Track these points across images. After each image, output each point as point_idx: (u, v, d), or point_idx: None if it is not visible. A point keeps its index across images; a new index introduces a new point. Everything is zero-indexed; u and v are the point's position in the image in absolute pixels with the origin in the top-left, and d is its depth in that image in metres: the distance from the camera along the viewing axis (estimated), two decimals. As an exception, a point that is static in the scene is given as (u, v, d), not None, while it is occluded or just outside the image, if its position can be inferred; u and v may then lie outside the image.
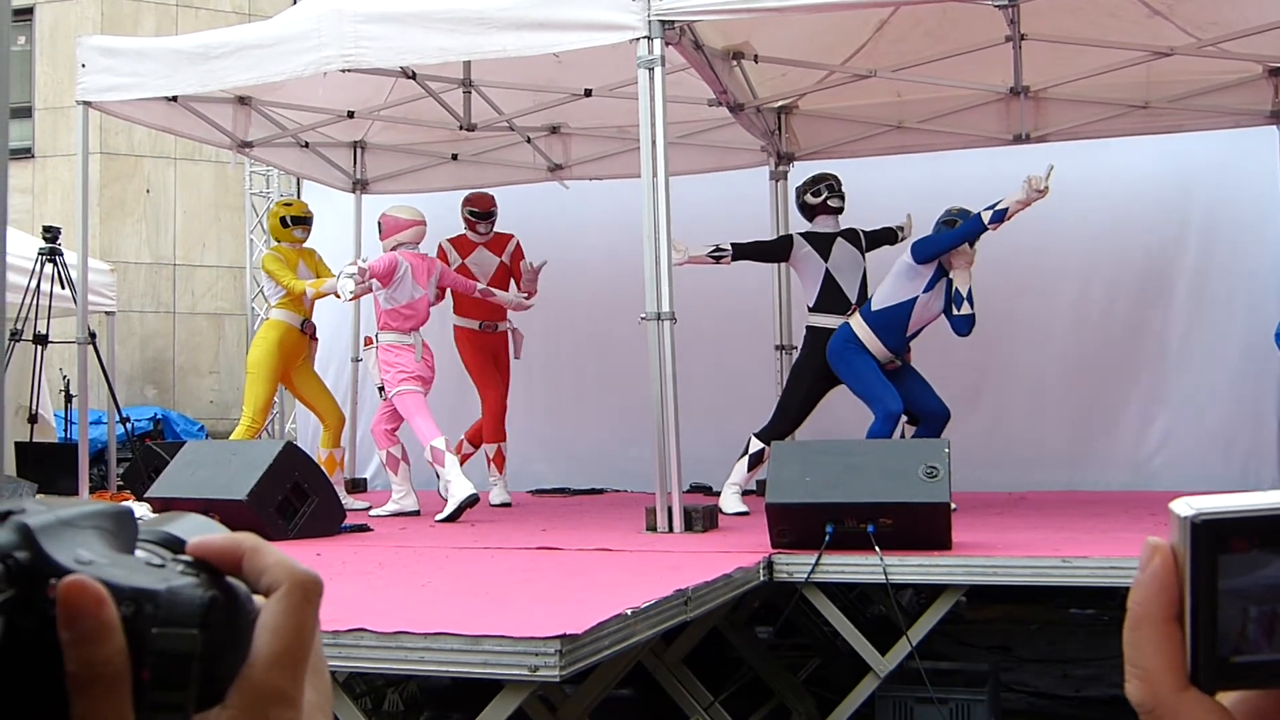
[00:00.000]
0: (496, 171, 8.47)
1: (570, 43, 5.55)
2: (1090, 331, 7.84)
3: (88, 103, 6.51)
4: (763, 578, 4.16)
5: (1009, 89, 7.31)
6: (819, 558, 4.14)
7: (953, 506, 4.31)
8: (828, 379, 6.23)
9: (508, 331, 7.25)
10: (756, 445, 6.17)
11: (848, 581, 4.64)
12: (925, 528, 4.21)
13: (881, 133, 7.77)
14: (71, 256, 7.95)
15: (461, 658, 2.75)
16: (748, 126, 7.32)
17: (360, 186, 8.93)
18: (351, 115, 7.95)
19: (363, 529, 5.65)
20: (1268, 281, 7.55)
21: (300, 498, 5.32)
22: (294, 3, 8.07)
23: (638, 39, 5.32)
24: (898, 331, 6.03)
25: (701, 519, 5.17)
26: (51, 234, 8.80)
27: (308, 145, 8.41)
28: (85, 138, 6.55)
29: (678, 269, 5.54)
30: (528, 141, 8.38)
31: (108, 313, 9.89)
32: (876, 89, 7.40)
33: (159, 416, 12.11)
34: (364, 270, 6.25)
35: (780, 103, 7.75)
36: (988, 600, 6.99)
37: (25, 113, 13.33)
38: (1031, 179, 5.70)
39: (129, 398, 11.76)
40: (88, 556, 0.46)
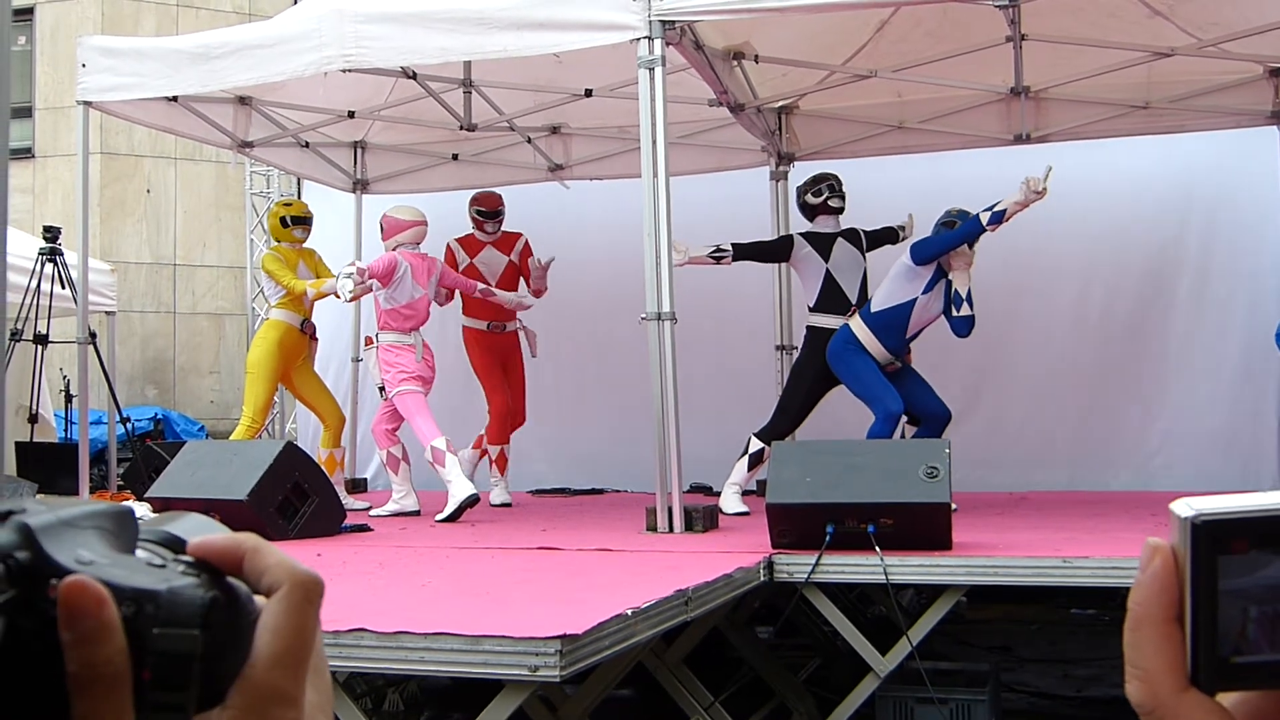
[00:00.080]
0: (497, 172, 8.46)
1: (571, 43, 5.55)
2: (1090, 332, 7.84)
3: (88, 103, 6.51)
4: (763, 578, 4.16)
5: (1010, 89, 7.31)
6: (819, 558, 4.15)
7: (953, 507, 4.32)
8: (828, 379, 6.22)
9: (517, 332, 7.23)
10: (756, 445, 6.17)
11: (848, 582, 4.64)
12: (926, 528, 4.22)
13: (882, 133, 7.77)
14: (72, 256, 7.95)
15: (462, 658, 2.76)
16: (748, 127, 7.32)
17: (361, 186, 8.93)
18: (352, 115, 7.95)
19: (363, 529, 5.65)
20: (1268, 282, 7.55)
21: (301, 498, 5.32)
22: (294, 3, 8.08)
23: (638, 39, 5.32)
24: (897, 333, 6.03)
25: (702, 519, 5.17)
26: (52, 234, 8.80)
27: (308, 145, 8.42)
28: (85, 138, 6.55)
29: (678, 269, 5.54)
30: (528, 142, 8.38)
31: (108, 313, 9.90)
32: (877, 89, 7.40)
33: (159, 416, 12.11)
34: (362, 271, 6.25)
35: (781, 103, 7.75)
36: (988, 600, 6.99)
37: (26, 113, 13.33)
38: (1030, 180, 5.70)
39: (129, 398, 11.76)
40: (89, 557, 0.46)
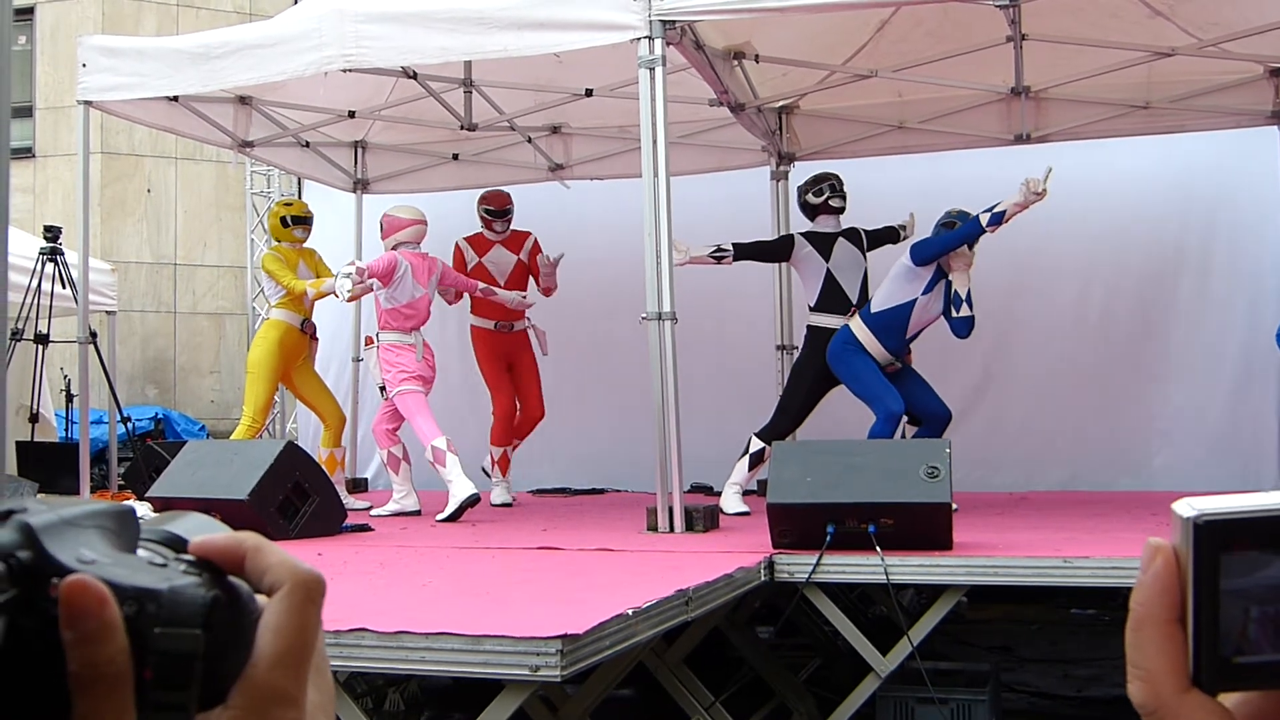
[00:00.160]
0: (497, 171, 8.46)
1: (571, 42, 5.55)
2: (1090, 332, 7.83)
3: (89, 102, 6.50)
4: (764, 578, 4.16)
5: (1010, 89, 7.30)
6: (820, 558, 4.15)
7: (954, 507, 4.32)
8: (828, 379, 6.22)
9: (526, 331, 7.21)
10: (757, 445, 6.17)
11: (849, 582, 4.64)
12: (926, 528, 4.22)
13: (882, 133, 7.77)
14: (72, 256, 7.95)
15: (462, 657, 2.76)
16: (749, 126, 7.31)
17: (361, 186, 8.93)
18: (352, 115, 7.95)
19: (364, 529, 5.65)
20: (1268, 282, 7.54)
21: (301, 497, 5.33)
22: (295, 2, 8.07)
23: (639, 39, 5.32)
24: (897, 333, 6.03)
25: (702, 519, 5.17)
26: (52, 233, 8.80)
27: (308, 145, 8.41)
28: (86, 137, 6.55)
29: (679, 269, 5.54)
30: (529, 141, 8.37)
31: (109, 312, 9.90)
32: (877, 89, 7.40)
33: (160, 416, 12.11)
34: (362, 270, 6.25)
35: (781, 103, 7.75)
36: (989, 600, 6.99)
37: (26, 112, 13.33)
38: (1029, 181, 5.70)
39: (130, 397, 11.76)
40: (90, 556, 0.45)
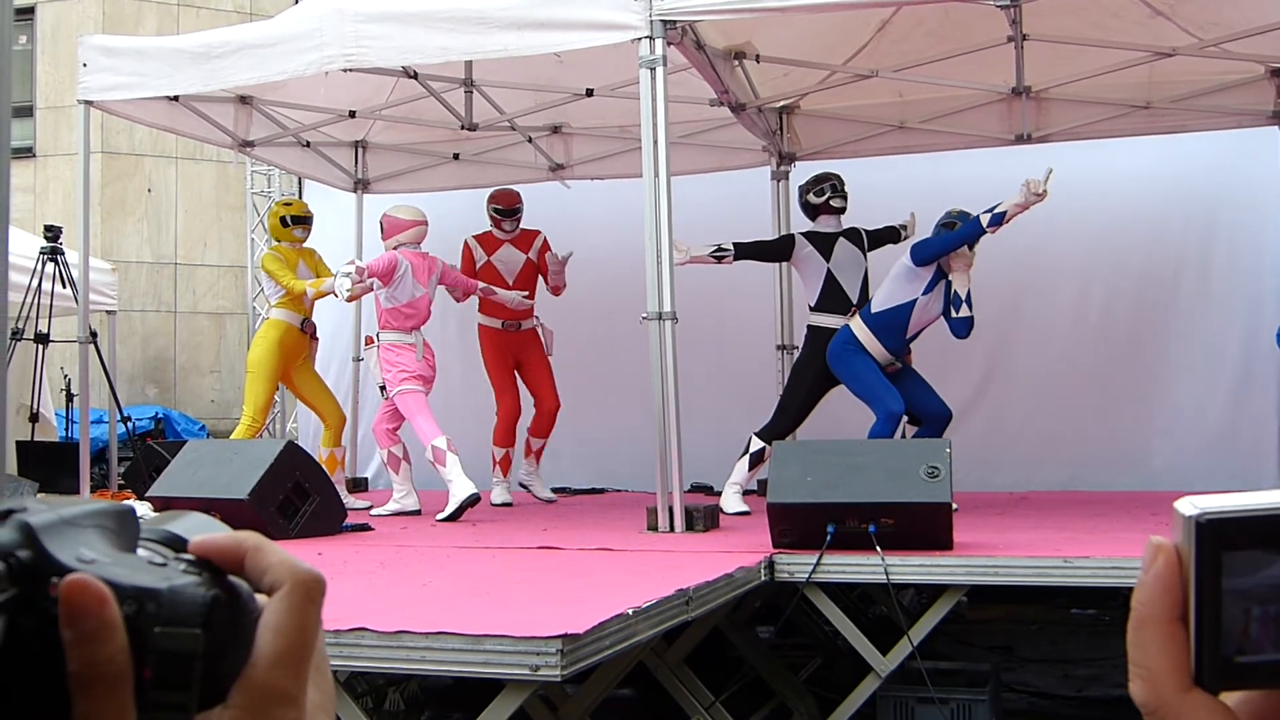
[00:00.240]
0: (498, 171, 8.45)
1: (572, 42, 5.55)
2: (1091, 332, 7.83)
3: (89, 102, 6.50)
4: (764, 577, 4.16)
5: (1011, 89, 7.30)
6: (820, 557, 4.15)
7: (954, 507, 4.32)
8: (828, 379, 6.22)
9: (535, 330, 7.21)
10: (757, 445, 6.17)
11: (849, 581, 4.64)
12: (926, 528, 4.21)
13: (883, 133, 7.77)
14: (73, 255, 7.95)
15: (463, 657, 2.76)
16: (749, 126, 7.31)
17: (361, 186, 8.93)
18: (353, 115, 7.95)
19: (364, 528, 5.65)
20: (1268, 281, 7.54)
21: (301, 497, 5.33)
22: (295, 2, 8.07)
23: (639, 39, 5.32)
24: (897, 333, 6.03)
25: (703, 519, 5.17)
26: (53, 233, 8.80)
27: (309, 145, 8.41)
28: (86, 137, 6.55)
29: (679, 269, 5.54)
30: (529, 141, 8.37)
31: (109, 312, 9.90)
32: (878, 89, 7.40)
33: (160, 416, 12.11)
34: (361, 270, 6.24)
35: (782, 103, 7.75)
36: (989, 600, 6.99)
37: (27, 112, 13.33)
38: (1030, 182, 5.70)
39: (130, 397, 11.76)
40: (90, 555, 0.45)
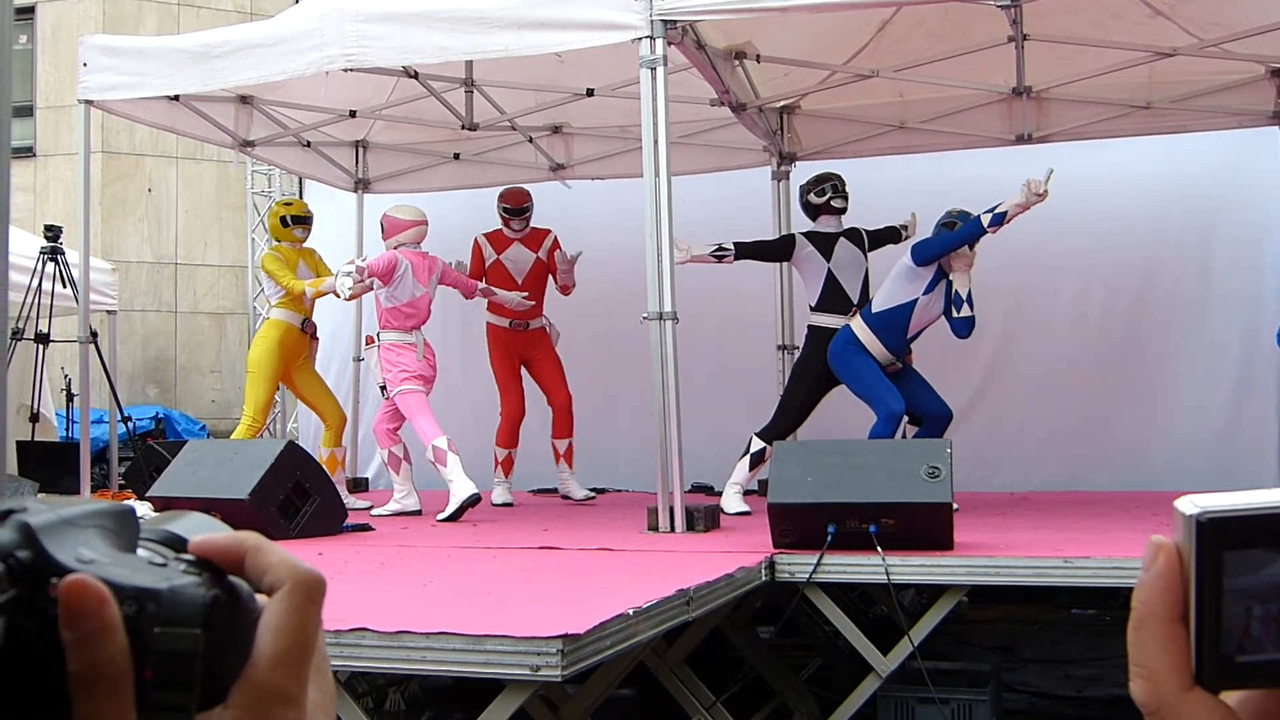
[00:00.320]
0: (498, 171, 8.45)
1: (572, 42, 5.55)
2: (1091, 332, 7.83)
3: (89, 101, 6.50)
4: (764, 578, 4.16)
5: (1011, 89, 7.30)
6: (821, 558, 4.15)
7: (954, 507, 4.32)
8: (829, 379, 6.22)
9: (543, 328, 7.21)
10: (758, 445, 6.17)
11: (849, 581, 4.64)
12: (927, 528, 4.21)
13: (883, 133, 7.77)
14: (73, 255, 7.95)
15: (463, 657, 2.76)
16: (750, 126, 7.31)
17: (362, 186, 8.93)
18: (353, 114, 7.94)
19: (364, 528, 5.65)
20: (1268, 282, 7.54)
21: (302, 497, 5.32)
22: (296, 2, 8.07)
23: (640, 39, 5.32)
24: (898, 333, 6.03)
25: (703, 519, 5.16)
26: (53, 233, 8.80)
27: (309, 144, 8.41)
28: (87, 137, 6.54)
29: (679, 268, 5.53)
30: (530, 141, 8.37)
31: (109, 312, 9.90)
32: (879, 89, 7.40)
33: (160, 415, 12.11)
34: (362, 269, 6.25)
35: (782, 102, 7.74)
36: (989, 600, 6.99)
37: (27, 111, 13.33)
38: (1031, 182, 5.70)
39: (130, 397, 11.76)
40: (90, 555, 0.45)
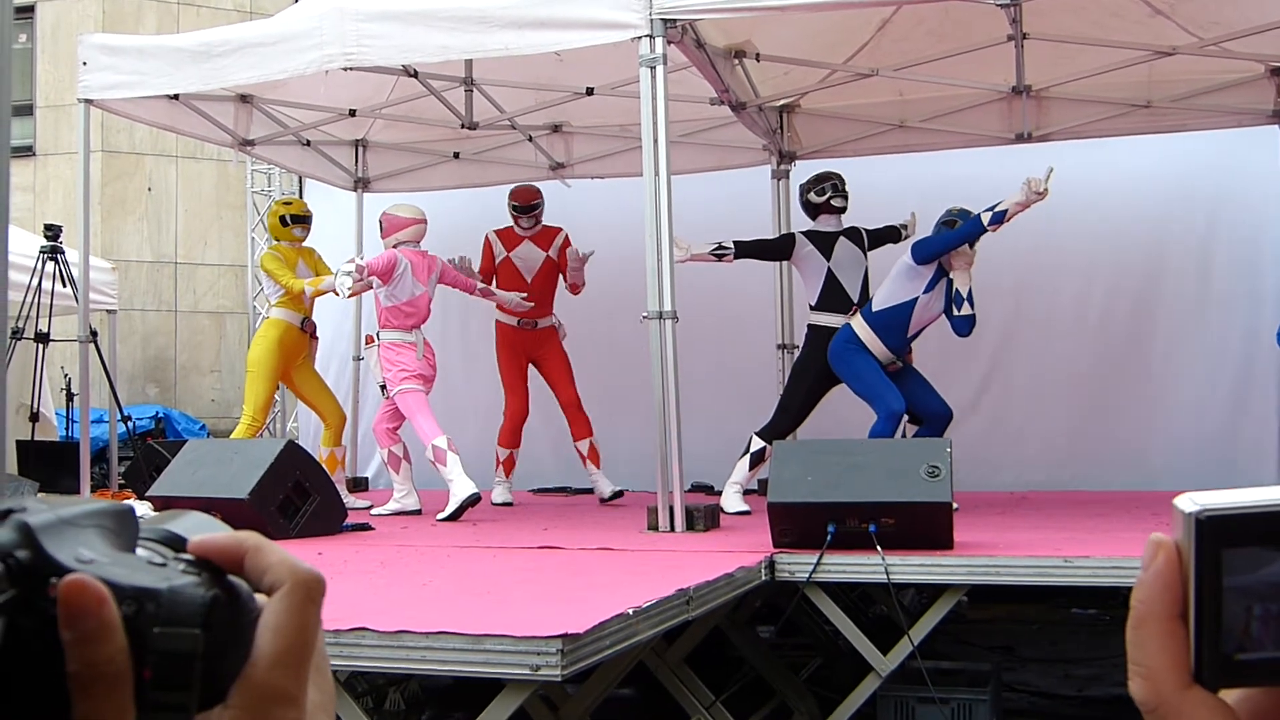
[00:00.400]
0: (498, 170, 8.46)
1: (572, 41, 5.55)
2: (1091, 331, 7.83)
3: (89, 101, 6.50)
4: (764, 577, 4.16)
5: (1011, 88, 7.30)
6: (820, 557, 4.15)
7: (954, 506, 4.32)
8: (829, 378, 6.22)
9: (552, 327, 7.21)
10: (758, 444, 6.17)
11: (849, 581, 4.64)
12: (927, 527, 4.21)
13: (883, 132, 7.77)
14: (73, 254, 7.95)
15: (463, 657, 2.75)
16: (750, 125, 7.31)
17: (362, 185, 8.92)
18: (353, 113, 7.94)
19: (364, 528, 5.65)
20: (1268, 281, 7.54)
21: (302, 496, 5.32)
22: (295, 1, 8.07)
23: (639, 37, 5.32)
24: (899, 332, 6.03)
25: (703, 518, 5.16)
26: (53, 232, 8.80)
27: (309, 143, 8.41)
28: (86, 136, 6.54)
29: (679, 267, 5.53)
30: (529, 140, 8.37)
31: (109, 311, 9.89)
32: (879, 88, 7.40)
33: (160, 415, 12.11)
34: (361, 268, 6.24)
35: (782, 101, 7.74)
36: (989, 600, 6.99)
37: (27, 111, 13.32)
38: (1031, 181, 5.70)
39: (130, 396, 11.76)
40: (89, 555, 0.45)
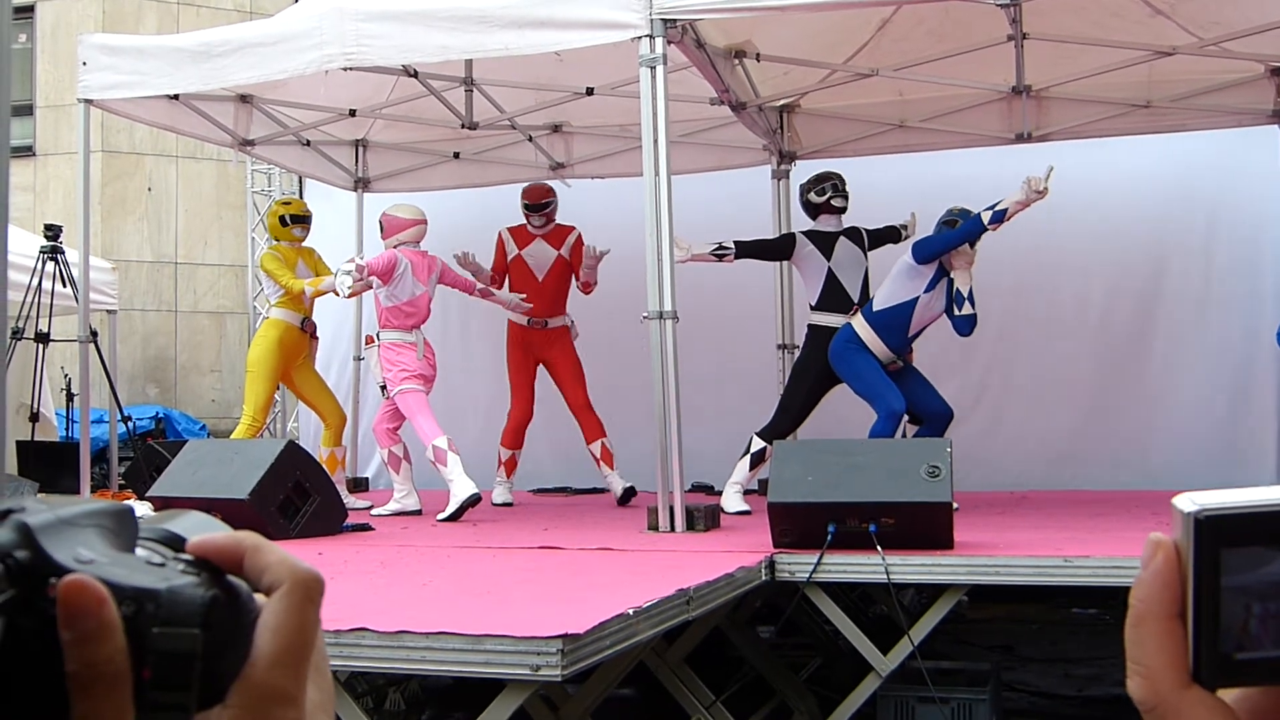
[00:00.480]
0: (498, 170, 8.46)
1: (572, 41, 5.55)
2: (1091, 331, 7.83)
3: (89, 101, 6.50)
4: (765, 577, 4.16)
5: (1011, 88, 7.30)
6: (821, 557, 4.15)
7: (955, 506, 4.32)
8: (829, 378, 6.22)
9: (564, 327, 7.20)
10: (758, 444, 6.17)
11: (850, 581, 4.64)
12: (927, 527, 4.21)
13: (883, 132, 7.77)
14: (73, 254, 7.95)
15: (463, 657, 2.75)
16: (750, 125, 7.31)
17: (362, 185, 8.92)
18: (353, 113, 7.94)
19: (364, 528, 5.65)
20: (1268, 281, 7.55)
21: (302, 497, 5.32)
22: (295, 1, 8.07)
23: (640, 37, 5.32)
24: (899, 332, 6.03)
25: (703, 518, 5.16)
26: (53, 232, 8.80)
27: (309, 143, 8.41)
28: (86, 136, 6.54)
29: (680, 267, 5.53)
30: (529, 140, 8.37)
31: (109, 311, 9.89)
32: (879, 88, 7.40)
33: (160, 415, 12.10)
34: (361, 268, 6.24)
35: (782, 101, 7.74)
36: (989, 599, 6.99)
37: (27, 111, 13.32)
38: (1031, 180, 5.70)
39: (130, 396, 11.76)
40: (88, 555, 0.45)
